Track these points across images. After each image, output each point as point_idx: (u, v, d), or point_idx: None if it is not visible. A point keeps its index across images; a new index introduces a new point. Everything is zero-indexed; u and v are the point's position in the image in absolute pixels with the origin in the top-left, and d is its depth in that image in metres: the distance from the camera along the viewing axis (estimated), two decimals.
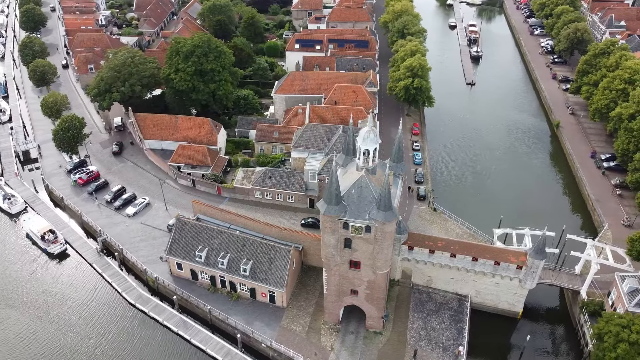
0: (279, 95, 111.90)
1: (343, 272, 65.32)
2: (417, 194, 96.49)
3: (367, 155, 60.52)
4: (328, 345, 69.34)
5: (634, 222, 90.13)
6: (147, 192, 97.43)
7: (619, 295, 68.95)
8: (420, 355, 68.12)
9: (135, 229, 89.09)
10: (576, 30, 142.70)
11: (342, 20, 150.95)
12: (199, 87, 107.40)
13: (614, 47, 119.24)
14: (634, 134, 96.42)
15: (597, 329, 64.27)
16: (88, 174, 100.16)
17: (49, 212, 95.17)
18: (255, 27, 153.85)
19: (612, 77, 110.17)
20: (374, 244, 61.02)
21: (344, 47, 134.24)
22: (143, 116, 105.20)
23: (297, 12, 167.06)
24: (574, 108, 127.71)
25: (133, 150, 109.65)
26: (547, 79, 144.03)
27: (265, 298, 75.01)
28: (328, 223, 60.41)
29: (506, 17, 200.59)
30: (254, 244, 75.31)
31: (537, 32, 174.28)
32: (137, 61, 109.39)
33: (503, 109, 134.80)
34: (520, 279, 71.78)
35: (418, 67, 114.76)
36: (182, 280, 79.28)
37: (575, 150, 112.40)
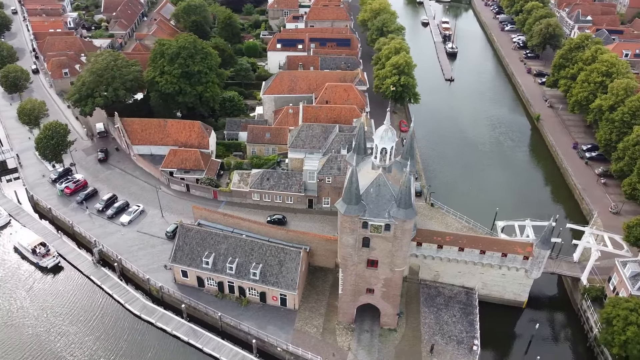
0: (268, 95, 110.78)
1: (360, 271, 65.35)
2: None
3: (384, 153, 60.65)
4: (345, 345, 69.25)
5: (621, 209, 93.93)
6: (140, 199, 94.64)
7: (621, 280, 71.72)
8: (436, 349, 68.93)
9: (132, 238, 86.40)
10: (548, 26, 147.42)
11: (321, 19, 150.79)
12: (185, 89, 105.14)
13: (588, 41, 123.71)
14: (615, 124, 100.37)
15: (605, 314, 66.58)
16: (75, 183, 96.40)
17: (36, 224, 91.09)
18: (233, 27, 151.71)
19: (589, 70, 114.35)
20: (393, 242, 61.31)
21: (325, 46, 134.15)
22: (130, 121, 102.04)
23: (273, 12, 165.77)
24: (551, 101, 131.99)
25: (119, 157, 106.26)
26: (523, 73, 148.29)
27: (276, 301, 74.20)
28: (347, 223, 60.29)
29: (475, 13, 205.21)
30: (263, 247, 74.35)
31: (508, 28, 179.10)
32: (120, 64, 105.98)
33: (483, 104, 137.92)
34: (527, 269, 73.64)
35: (404, 64, 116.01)
36: (187, 288, 77.42)
37: (558, 142, 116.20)
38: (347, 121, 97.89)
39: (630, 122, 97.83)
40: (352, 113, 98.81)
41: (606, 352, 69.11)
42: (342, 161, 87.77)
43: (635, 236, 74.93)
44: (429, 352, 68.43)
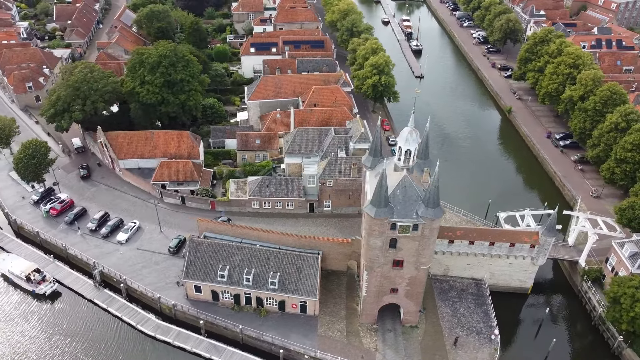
0: (253, 101, 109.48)
1: (385, 272, 66.14)
2: None
3: (408, 155, 61.68)
4: (371, 346, 69.91)
5: (601, 192, 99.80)
6: (133, 215, 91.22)
7: (620, 260, 76.33)
8: (459, 342, 70.85)
9: (132, 256, 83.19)
10: (508, 21, 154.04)
11: (290, 22, 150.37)
12: (168, 98, 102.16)
13: (551, 34, 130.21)
14: (588, 113, 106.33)
15: (612, 293, 70.70)
16: (61, 203, 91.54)
17: (23, 250, 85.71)
18: (200, 32, 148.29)
19: (557, 63, 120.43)
20: (420, 241, 62.52)
21: (300, 48, 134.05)
22: (115, 134, 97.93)
23: (238, 15, 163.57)
24: (519, 94, 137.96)
25: (103, 172, 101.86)
26: (487, 68, 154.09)
27: (296, 309, 73.78)
28: (376, 226, 60.88)
29: (431, 11, 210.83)
30: (279, 255, 73.70)
31: (466, 24, 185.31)
32: (97, 76, 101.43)
33: (455, 99, 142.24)
34: (533, 257, 76.98)
35: (383, 64, 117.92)
36: (201, 303, 75.49)
37: (532, 133, 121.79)
38: (339, 123, 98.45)
39: (602, 111, 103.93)
40: (343, 115, 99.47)
41: (612, 329, 73.46)
42: (342, 163, 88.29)
43: (628, 218, 79.90)
44: (452, 345, 70.26)
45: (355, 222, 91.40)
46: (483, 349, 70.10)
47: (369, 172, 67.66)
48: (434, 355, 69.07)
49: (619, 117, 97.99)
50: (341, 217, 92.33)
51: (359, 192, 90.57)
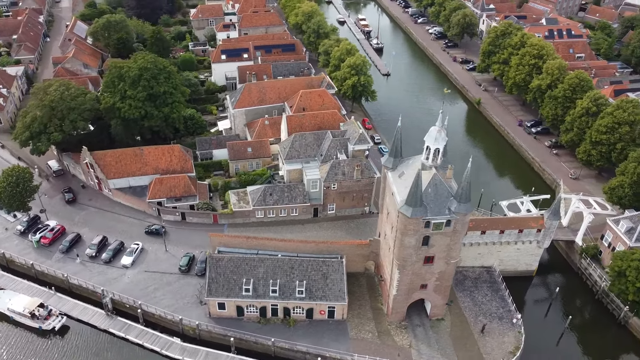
0: (238, 109, 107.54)
1: (416, 269, 67.50)
2: None
3: (436, 153, 63.23)
4: (405, 343, 71.17)
5: (579, 174, 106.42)
6: (132, 236, 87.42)
7: (616, 236, 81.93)
8: (485, 328, 73.55)
9: (142, 279, 79.83)
10: (464, 16, 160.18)
11: (254, 26, 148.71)
12: (152, 112, 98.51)
13: (511, 27, 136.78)
14: (558, 100, 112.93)
15: (616, 267, 75.84)
16: (52, 231, 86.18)
17: (17, 285, 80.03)
18: (163, 41, 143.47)
19: (521, 54, 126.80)
20: (452, 236, 64.35)
21: (271, 53, 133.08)
22: (102, 154, 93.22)
23: (198, 22, 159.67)
24: (485, 85, 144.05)
25: (89, 194, 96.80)
26: (449, 62, 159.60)
27: (324, 315, 73.75)
28: (412, 225, 62.05)
29: (383, 9, 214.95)
30: (303, 263, 73.33)
31: (420, 20, 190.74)
32: (74, 93, 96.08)
33: (424, 94, 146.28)
34: (539, 241, 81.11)
35: (361, 64, 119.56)
36: (224, 320, 73.76)
37: (503, 122, 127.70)
38: (331, 126, 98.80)
39: (572, 97, 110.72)
40: (335, 117, 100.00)
41: (616, 301, 78.80)
42: (344, 166, 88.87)
43: (619, 196, 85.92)
44: (480, 333, 72.83)
45: (360, 223, 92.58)
46: (508, 333, 73.15)
47: (391, 173, 68.74)
48: (464, 344, 71.34)
49: (589, 102, 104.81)
50: (346, 218, 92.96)
51: (362, 193, 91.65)
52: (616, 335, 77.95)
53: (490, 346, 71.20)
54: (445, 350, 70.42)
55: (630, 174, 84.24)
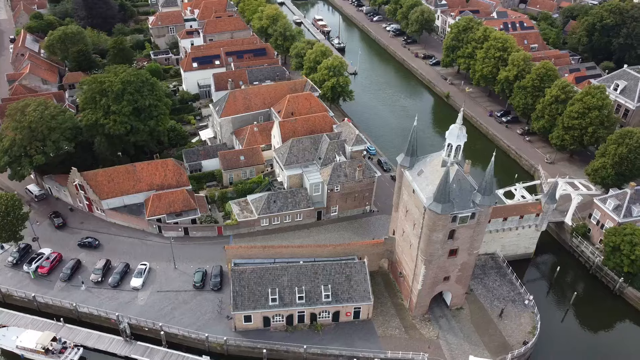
0: (225, 118, 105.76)
1: (441, 262, 69.78)
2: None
3: (458, 150, 65.61)
4: (432, 335, 73.43)
5: (554, 158, 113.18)
6: (136, 256, 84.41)
7: (604, 214, 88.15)
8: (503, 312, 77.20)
9: (157, 300, 77.32)
10: (422, 13, 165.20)
11: (219, 31, 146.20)
12: (138, 127, 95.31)
13: (472, 22, 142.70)
14: (527, 90, 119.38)
15: (611, 243, 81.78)
16: (49, 259, 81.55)
17: (20, 320, 75.25)
18: (126, 52, 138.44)
19: (486, 48, 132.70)
20: (475, 228, 67.08)
21: (243, 58, 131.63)
22: (93, 174, 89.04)
23: (158, 29, 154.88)
24: (450, 79, 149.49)
25: (80, 217, 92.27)
26: (412, 58, 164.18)
27: (350, 316, 74.62)
28: (441, 221, 64.14)
29: (336, 8, 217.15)
30: (326, 267, 73.80)
31: (376, 18, 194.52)
32: (54, 112, 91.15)
33: (394, 92, 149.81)
34: (537, 224, 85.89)
35: (339, 65, 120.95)
36: (251, 333, 73.01)
37: (475, 113, 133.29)
38: (323, 129, 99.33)
39: (540, 87, 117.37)
40: (325, 120, 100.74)
41: (610, 274, 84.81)
42: (346, 167, 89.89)
43: (602, 177, 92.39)
44: (499, 317, 76.36)
45: (363, 222, 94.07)
46: (523, 314, 77.13)
47: (408, 172, 70.55)
48: (486, 329, 74.58)
49: (557, 90, 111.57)
50: (349, 219, 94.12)
51: (363, 192, 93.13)
52: (613, 305, 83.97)
53: (510, 329, 74.84)
54: (470, 337, 73.33)
55: (611, 155, 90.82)
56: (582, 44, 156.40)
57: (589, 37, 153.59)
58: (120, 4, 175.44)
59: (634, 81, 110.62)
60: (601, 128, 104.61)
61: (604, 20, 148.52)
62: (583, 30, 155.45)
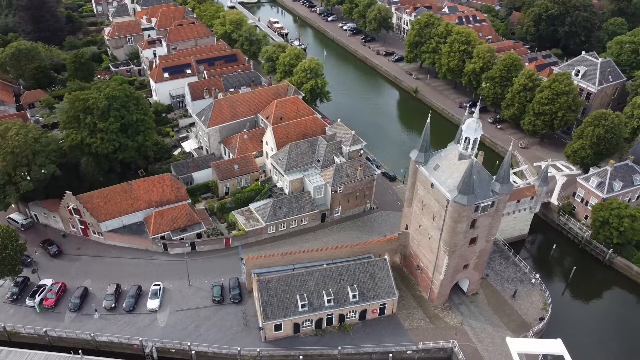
0: (213, 127, 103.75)
1: (462, 252, 72.65)
2: (387, 177, 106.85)
3: (475, 143, 68.49)
4: (456, 322, 76.26)
5: (527, 143, 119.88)
6: (147, 277, 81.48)
7: (588, 191, 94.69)
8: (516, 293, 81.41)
9: (178, 320, 75.18)
10: (380, 11, 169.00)
11: (183, 39, 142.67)
12: (126, 143, 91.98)
13: (433, 18, 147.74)
14: (496, 80, 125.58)
15: (600, 217, 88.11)
16: (53, 290, 77.12)
17: (33, 357, 70.71)
18: (88, 65, 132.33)
19: (450, 42, 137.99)
20: (494, 216, 70.40)
21: (214, 65, 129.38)
22: (88, 196, 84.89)
23: (115, 40, 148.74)
24: (415, 74, 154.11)
25: (75, 242, 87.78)
26: (374, 56, 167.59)
27: (376, 313, 76.03)
28: (466, 212, 66.82)
29: (286, 10, 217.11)
30: (350, 268, 74.74)
31: (331, 18, 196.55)
32: (35, 135, 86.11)
33: (362, 89, 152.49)
34: (531, 207, 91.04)
35: (316, 67, 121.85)
36: (281, 341, 72.79)
37: (444, 105, 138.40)
38: (315, 132, 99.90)
39: (508, 76, 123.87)
40: (316, 123, 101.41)
41: (599, 246, 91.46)
42: (347, 168, 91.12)
43: (581, 157, 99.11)
44: (512, 298, 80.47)
45: (365, 220, 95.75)
46: (533, 292, 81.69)
47: (424, 168, 72.82)
48: (504, 311, 78.39)
49: (525, 79, 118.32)
50: (352, 218, 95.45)
51: (364, 191, 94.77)
52: (605, 275, 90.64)
53: (524, 307, 79.08)
54: (491, 320, 76.83)
55: (589, 136, 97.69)
56: (530, 34, 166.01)
57: (536, 27, 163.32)
58: (67, 15, 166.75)
59: (592, 66, 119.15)
60: (569, 112, 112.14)
61: (549, 11, 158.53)
62: (530, 21, 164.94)
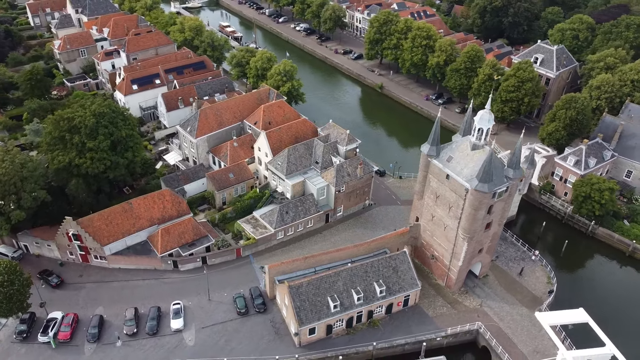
0: (201, 137, 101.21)
1: (479, 237, 76.29)
2: (378, 173, 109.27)
3: (487, 133, 72.02)
4: (475, 304, 79.96)
5: (497, 130, 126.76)
6: (163, 297, 78.64)
7: (566, 170, 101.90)
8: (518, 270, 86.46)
9: (206, 337, 73.34)
10: (334, 10, 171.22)
11: (143, 49, 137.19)
12: (117, 161, 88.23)
13: (391, 16, 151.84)
14: (460, 72, 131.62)
15: (582, 192, 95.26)
16: (67, 323, 72.66)
17: None
18: (44, 82, 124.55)
19: (412, 38, 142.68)
20: (506, 200, 74.55)
21: (183, 74, 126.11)
22: (88, 220, 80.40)
23: (68, 54, 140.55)
24: (378, 71, 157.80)
25: (75, 270, 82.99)
26: (333, 55, 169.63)
27: (400, 306, 78.16)
28: (486, 199, 70.29)
29: (233, 13, 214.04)
30: (374, 264, 76.26)
31: (282, 19, 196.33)
32: (21, 160, 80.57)
33: (329, 90, 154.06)
34: (520, 189, 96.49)
35: (291, 70, 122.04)
36: (315, 344, 73.16)
37: (411, 99, 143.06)
38: (306, 134, 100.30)
39: (472, 67, 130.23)
40: (306, 125, 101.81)
41: (581, 219, 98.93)
42: (347, 167, 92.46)
43: (556, 138, 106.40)
44: (519, 275, 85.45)
45: (367, 216, 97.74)
46: (535, 268, 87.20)
47: (436, 161, 75.67)
48: (515, 289, 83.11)
49: (489, 69, 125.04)
50: (354, 216, 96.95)
51: (363, 188, 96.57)
52: (588, 244, 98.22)
53: (532, 283, 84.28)
54: (505, 298, 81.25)
55: (562, 119, 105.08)
56: (477, 26, 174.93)
57: (481, 19, 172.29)
58: (5, 29, 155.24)
59: (549, 54, 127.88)
60: (533, 97, 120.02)
61: (493, 3, 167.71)
62: (476, 13, 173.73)
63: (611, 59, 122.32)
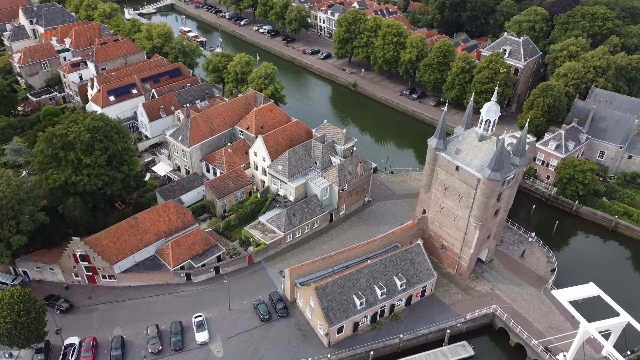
0: (194, 146, 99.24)
1: (488, 224, 79.56)
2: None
3: (493, 124, 75.15)
4: (486, 289, 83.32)
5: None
6: (180, 312, 77.04)
7: (547, 154, 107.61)
8: (517, 252, 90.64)
9: (233, 346, 72.49)
10: (299, 11, 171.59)
11: (112, 58, 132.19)
12: (115, 176, 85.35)
13: (359, 14, 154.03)
14: (433, 66, 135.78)
15: (566, 174, 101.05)
16: (87, 348, 69.73)
17: None
18: (10, 97, 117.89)
19: (382, 35, 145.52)
20: (513, 187, 78.19)
21: (160, 82, 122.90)
22: (95, 239, 77.21)
23: (29, 67, 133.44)
24: (349, 69, 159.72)
25: (83, 292, 79.64)
26: (301, 55, 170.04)
27: (418, 297, 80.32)
28: (497, 187, 73.47)
29: (190, 17, 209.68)
30: (392, 259, 77.96)
31: (243, 22, 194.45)
32: (16, 182, 76.36)
33: (302, 90, 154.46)
34: None
35: (273, 72, 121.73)
36: (343, 343, 74.04)
37: (385, 95, 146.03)
38: (300, 136, 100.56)
39: (444, 62, 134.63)
40: (299, 127, 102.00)
41: (565, 200, 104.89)
42: (348, 166, 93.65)
43: (536, 125, 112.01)
44: (520, 257, 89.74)
45: (368, 212, 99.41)
46: (533, 249, 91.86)
47: (444, 154, 78.26)
48: (519, 270, 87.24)
49: (462, 63, 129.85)
50: (355, 214, 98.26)
51: (363, 185, 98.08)
52: (573, 223, 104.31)
53: (533, 264, 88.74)
54: (513, 280, 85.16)
55: (540, 106, 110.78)
56: (437, 21, 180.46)
57: (441, 14, 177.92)
58: None
59: (516, 45, 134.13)
60: (506, 87, 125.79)
61: None
62: (435, 9, 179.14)
63: (573, 47, 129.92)
